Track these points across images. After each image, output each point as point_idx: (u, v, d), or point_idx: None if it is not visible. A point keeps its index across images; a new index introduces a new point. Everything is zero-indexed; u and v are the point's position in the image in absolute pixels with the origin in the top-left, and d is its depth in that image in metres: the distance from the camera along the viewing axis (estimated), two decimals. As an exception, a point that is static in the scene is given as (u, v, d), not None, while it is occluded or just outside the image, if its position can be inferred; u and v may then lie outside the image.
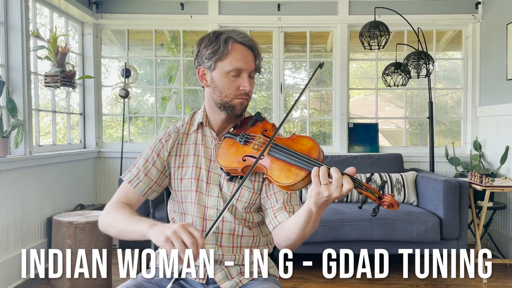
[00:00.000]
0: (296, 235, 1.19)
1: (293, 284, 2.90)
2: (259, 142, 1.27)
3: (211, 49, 1.28)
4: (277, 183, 1.17)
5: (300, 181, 1.14)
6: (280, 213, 1.27)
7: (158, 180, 1.36)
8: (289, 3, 4.01)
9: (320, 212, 1.13)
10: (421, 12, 3.96)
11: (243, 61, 1.28)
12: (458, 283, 2.91)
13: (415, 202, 3.33)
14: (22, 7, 2.91)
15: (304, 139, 1.23)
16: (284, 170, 1.17)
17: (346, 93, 4.05)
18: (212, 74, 1.31)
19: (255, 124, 1.34)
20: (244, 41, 1.29)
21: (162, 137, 1.38)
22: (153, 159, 1.35)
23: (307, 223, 1.14)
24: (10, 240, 2.82)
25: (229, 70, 1.28)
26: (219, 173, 1.33)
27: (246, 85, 1.29)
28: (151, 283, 1.31)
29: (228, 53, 1.27)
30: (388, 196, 1.06)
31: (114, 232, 1.28)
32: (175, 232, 1.05)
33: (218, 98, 1.32)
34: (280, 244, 1.26)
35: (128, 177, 1.35)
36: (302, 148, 1.20)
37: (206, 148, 1.36)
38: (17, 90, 2.90)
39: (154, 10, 4.02)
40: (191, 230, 1.07)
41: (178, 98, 4.31)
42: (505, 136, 3.50)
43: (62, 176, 3.44)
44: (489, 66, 3.79)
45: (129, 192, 1.34)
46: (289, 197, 1.30)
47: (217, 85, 1.30)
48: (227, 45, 1.27)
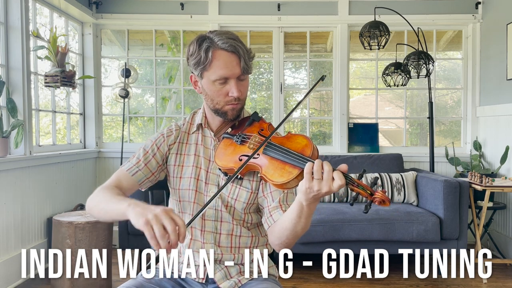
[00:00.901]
0: (288, 232, 1.18)
1: (293, 284, 2.90)
2: (254, 141, 1.28)
3: (194, 59, 1.27)
4: (271, 181, 1.17)
5: (294, 179, 1.14)
6: (275, 212, 1.27)
7: (156, 172, 1.36)
8: (289, 3, 4.01)
9: (311, 208, 1.12)
10: (421, 12, 3.96)
11: (227, 68, 1.25)
12: (458, 283, 2.91)
13: (415, 202, 3.33)
14: (22, 7, 2.91)
15: (298, 138, 1.23)
16: (278, 168, 1.17)
17: (346, 93, 4.05)
18: (201, 83, 1.31)
19: (252, 124, 1.34)
20: (225, 47, 1.24)
21: (164, 132, 1.39)
22: (153, 151, 1.35)
23: (299, 218, 1.14)
24: (10, 240, 2.82)
25: (215, 79, 1.26)
26: (217, 174, 1.34)
27: (234, 91, 1.27)
28: (151, 283, 1.30)
29: (210, 62, 1.25)
30: (379, 193, 1.06)
31: (96, 211, 1.24)
32: (157, 216, 1.00)
33: (210, 105, 1.32)
34: (274, 242, 1.26)
35: (127, 166, 1.33)
36: (296, 146, 1.20)
37: (205, 148, 1.37)
38: (17, 90, 2.90)
39: (154, 10, 4.02)
40: (174, 216, 1.02)
41: (178, 98, 4.31)
42: (505, 136, 3.50)
43: (62, 176, 3.44)
44: (489, 66, 3.79)
45: (123, 177, 1.31)
46: (286, 196, 1.30)
47: (207, 93, 1.31)
48: (208, 54, 1.24)
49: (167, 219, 1.00)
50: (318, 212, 3.00)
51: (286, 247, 1.23)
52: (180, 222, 1.01)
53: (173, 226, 1.00)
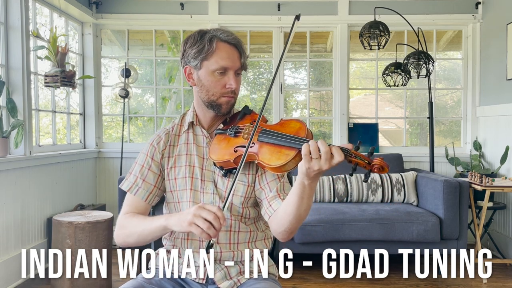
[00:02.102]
0: (292, 216, 1.18)
1: (293, 284, 2.90)
2: (248, 131, 1.28)
3: (196, 48, 1.29)
4: (269, 165, 1.18)
5: (291, 160, 1.15)
6: (274, 201, 1.28)
7: (157, 183, 1.36)
8: (289, 3, 4.01)
9: (313, 185, 1.13)
10: (421, 12, 3.96)
11: (229, 59, 1.29)
12: (458, 283, 2.91)
13: (415, 202, 3.33)
14: (22, 7, 2.91)
15: (291, 122, 1.25)
16: (274, 152, 1.18)
17: (346, 93, 4.05)
18: (198, 73, 1.32)
19: (244, 117, 1.35)
20: (228, 39, 1.29)
21: (153, 140, 1.39)
22: (148, 164, 1.36)
23: (301, 199, 1.14)
24: (10, 240, 2.82)
25: (214, 69, 1.29)
26: (213, 170, 1.34)
27: (232, 83, 1.30)
28: (151, 284, 1.30)
29: (213, 52, 1.28)
30: (377, 159, 1.08)
31: (134, 239, 1.28)
32: (195, 214, 1.11)
33: (205, 97, 1.33)
34: (277, 230, 1.25)
35: (127, 185, 1.36)
36: (290, 130, 1.21)
37: (198, 146, 1.37)
38: (17, 90, 2.90)
39: (154, 10, 4.02)
40: (207, 207, 1.12)
41: (178, 98, 4.31)
42: (505, 136, 3.50)
43: (62, 176, 3.44)
44: (489, 66, 3.79)
45: (133, 201, 1.35)
46: (282, 185, 1.30)
47: (204, 84, 1.32)
48: (212, 44, 1.28)
49: (204, 211, 1.11)
50: (318, 212, 3.00)
51: (290, 233, 1.23)
52: (215, 209, 1.12)
53: (212, 214, 1.10)
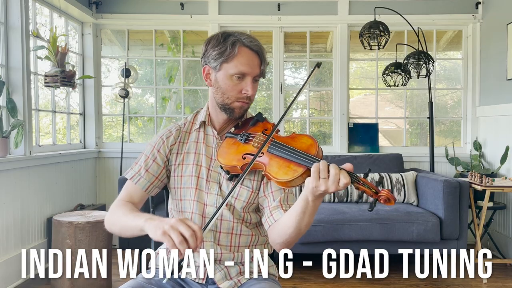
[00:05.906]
0: (292, 229, 1.18)
1: (293, 284, 2.90)
2: (259, 140, 1.28)
3: (218, 50, 1.29)
4: (276, 179, 1.18)
5: (298, 177, 1.15)
6: (276, 211, 1.28)
7: (160, 175, 1.36)
8: (289, 3, 4.01)
9: (317, 203, 1.13)
10: (421, 12, 3.96)
11: (248, 65, 1.29)
12: (458, 283, 2.91)
13: (415, 202, 3.33)
14: (22, 7, 2.91)
15: (303, 137, 1.24)
16: (282, 166, 1.18)
17: (346, 93, 4.05)
18: (216, 75, 1.32)
19: (256, 124, 1.35)
20: (251, 45, 1.29)
21: (163, 134, 1.40)
22: (154, 155, 1.36)
23: (303, 214, 1.14)
24: (10, 240, 2.82)
25: (233, 73, 1.29)
26: (219, 172, 1.34)
27: (249, 89, 1.30)
28: (151, 284, 1.30)
29: (234, 56, 1.28)
30: (384, 191, 1.07)
31: (117, 229, 1.29)
32: (172, 226, 1.05)
33: (219, 99, 1.33)
34: (276, 241, 1.26)
35: (130, 174, 1.37)
36: (301, 146, 1.21)
37: (207, 146, 1.37)
38: (17, 90, 2.90)
39: (154, 10, 4.02)
40: (189, 223, 1.07)
41: (178, 98, 4.31)
42: (505, 136, 3.50)
43: (62, 176, 3.44)
44: (489, 66, 3.79)
45: (132, 189, 1.35)
46: (286, 196, 1.30)
47: (220, 86, 1.31)
48: (234, 48, 1.28)
49: (183, 226, 1.05)
50: (318, 212, 3.00)
51: (288, 246, 1.24)
52: (195, 227, 1.06)
53: (190, 231, 1.05)
